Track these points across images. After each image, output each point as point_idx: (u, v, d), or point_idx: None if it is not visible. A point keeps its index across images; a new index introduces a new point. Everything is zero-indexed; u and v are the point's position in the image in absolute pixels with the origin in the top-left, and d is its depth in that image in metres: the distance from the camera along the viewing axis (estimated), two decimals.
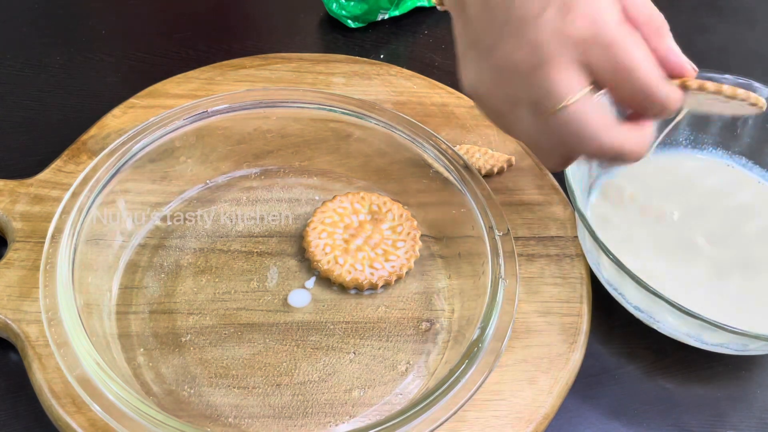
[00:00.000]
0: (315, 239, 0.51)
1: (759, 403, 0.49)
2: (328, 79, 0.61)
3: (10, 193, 0.51)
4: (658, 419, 0.47)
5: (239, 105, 0.52)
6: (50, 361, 0.44)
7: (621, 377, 0.49)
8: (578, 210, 0.47)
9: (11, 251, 0.49)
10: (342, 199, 0.53)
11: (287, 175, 0.56)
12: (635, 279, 0.44)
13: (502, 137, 0.58)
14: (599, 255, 0.47)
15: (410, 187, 0.54)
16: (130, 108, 0.57)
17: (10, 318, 0.45)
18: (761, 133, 0.54)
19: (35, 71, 0.64)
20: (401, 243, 0.51)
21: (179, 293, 0.49)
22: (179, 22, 0.70)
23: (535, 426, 0.44)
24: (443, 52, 0.68)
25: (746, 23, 0.75)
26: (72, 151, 0.54)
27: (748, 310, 0.49)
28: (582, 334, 0.48)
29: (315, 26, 0.70)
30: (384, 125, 0.52)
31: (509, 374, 0.46)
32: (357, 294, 0.50)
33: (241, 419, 0.44)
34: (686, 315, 0.43)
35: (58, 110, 0.61)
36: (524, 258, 0.51)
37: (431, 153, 0.51)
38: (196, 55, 0.66)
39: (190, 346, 0.47)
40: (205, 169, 0.54)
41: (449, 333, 0.48)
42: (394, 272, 0.50)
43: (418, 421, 0.39)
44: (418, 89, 0.61)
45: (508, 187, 0.55)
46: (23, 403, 0.45)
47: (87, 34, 0.67)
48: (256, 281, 0.50)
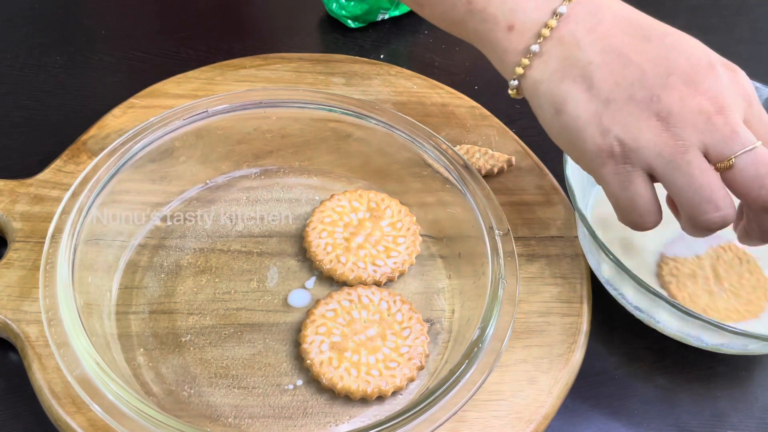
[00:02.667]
0: (316, 239, 0.51)
1: (759, 403, 0.49)
2: (328, 79, 0.61)
3: (10, 193, 0.51)
4: (658, 419, 0.47)
5: (239, 105, 0.52)
6: (50, 361, 0.44)
7: (621, 377, 0.49)
8: (578, 210, 0.47)
9: (11, 251, 0.49)
10: (340, 197, 0.53)
11: (287, 175, 0.56)
12: (635, 279, 0.44)
13: (502, 137, 0.58)
14: (599, 255, 0.47)
15: (410, 187, 0.54)
16: (130, 108, 0.57)
17: (10, 318, 0.45)
18: None
19: (35, 71, 0.64)
20: (402, 239, 0.51)
21: (179, 293, 0.49)
22: (179, 22, 0.70)
23: (535, 426, 0.44)
24: (443, 52, 0.68)
25: (746, 23, 0.75)
26: (72, 151, 0.54)
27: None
28: (582, 334, 0.48)
29: (315, 26, 0.70)
30: (384, 125, 0.52)
31: (509, 374, 0.46)
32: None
33: (241, 419, 0.44)
34: (686, 315, 0.43)
35: (58, 110, 0.61)
36: (524, 258, 0.51)
37: (431, 153, 0.51)
38: (196, 55, 0.66)
39: (190, 346, 0.47)
40: (205, 169, 0.54)
41: (449, 333, 0.48)
42: (396, 268, 0.50)
43: (418, 421, 0.39)
44: (418, 89, 0.61)
45: (508, 187, 0.55)
46: (23, 403, 0.45)
47: (87, 34, 0.67)
48: (256, 281, 0.50)
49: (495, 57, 0.46)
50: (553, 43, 0.43)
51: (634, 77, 0.41)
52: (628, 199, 0.42)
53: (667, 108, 0.40)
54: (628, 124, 0.41)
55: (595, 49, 0.42)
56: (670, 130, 0.40)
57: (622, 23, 0.43)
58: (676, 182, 0.40)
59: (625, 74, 0.41)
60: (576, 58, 0.42)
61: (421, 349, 0.46)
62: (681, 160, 0.40)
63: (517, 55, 0.44)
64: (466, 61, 0.67)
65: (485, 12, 0.45)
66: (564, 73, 0.43)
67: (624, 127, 0.41)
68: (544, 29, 0.43)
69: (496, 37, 0.45)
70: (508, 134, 0.58)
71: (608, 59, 0.42)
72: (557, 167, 0.55)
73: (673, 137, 0.40)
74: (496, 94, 0.64)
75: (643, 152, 0.40)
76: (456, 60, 0.67)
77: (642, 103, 0.40)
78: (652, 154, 0.40)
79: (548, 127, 0.45)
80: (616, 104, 0.41)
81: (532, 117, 0.46)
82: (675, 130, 0.40)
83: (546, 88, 0.44)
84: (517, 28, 0.44)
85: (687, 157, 0.40)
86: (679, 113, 0.40)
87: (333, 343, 0.46)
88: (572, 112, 0.42)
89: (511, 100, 0.47)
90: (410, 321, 0.47)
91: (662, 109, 0.40)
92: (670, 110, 0.40)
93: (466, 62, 0.67)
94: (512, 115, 0.61)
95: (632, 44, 0.42)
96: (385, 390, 0.45)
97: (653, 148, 0.40)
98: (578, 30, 0.43)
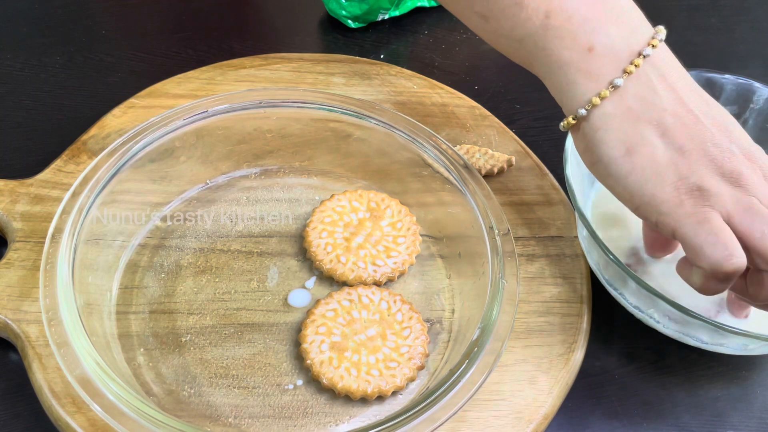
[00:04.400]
0: (316, 239, 0.51)
1: (759, 403, 0.49)
2: (328, 79, 0.61)
3: (10, 193, 0.51)
4: (658, 419, 0.47)
5: (239, 105, 0.52)
6: (50, 361, 0.44)
7: (621, 377, 0.49)
8: (578, 210, 0.47)
9: (11, 251, 0.49)
10: (340, 197, 0.53)
11: (287, 175, 0.56)
12: (635, 279, 0.44)
13: (502, 137, 0.58)
14: (599, 255, 0.47)
15: (410, 187, 0.54)
16: (130, 108, 0.57)
17: (10, 318, 0.45)
18: (761, 133, 0.54)
19: (35, 71, 0.64)
20: (402, 239, 0.51)
21: (179, 293, 0.49)
22: (179, 22, 0.70)
23: (535, 426, 0.44)
24: (443, 52, 0.68)
25: (746, 23, 0.75)
26: (72, 151, 0.54)
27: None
28: (582, 334, 0.48)
29: (315, 26, 0.70)
30: (384, 125, 0.52)
31: (509, 374, 0.46)
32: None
33: (241, 419, 0.44)
34: (686, 315, 0.43)
35: (58, 110, 0.61)
36: (524, 258, 0.51)
37: (431, 153, 0.51)
38: (196, 55, 0.66)
39: (190, 346, 0.47)
40: (205, 169, 0.54)
41: (449, 333, 0.48)
42: (396, 268, 0.50)
43: (418, 421, 0.39)
44: (418, 89, 0.61)
45: (508, 187, 0.55)
46: (23, 403, 0.45)
47: (87, 34, 0.67)
48: (256, 281, 0.50)
49: (564, 79, 0.44)
50: (633, 81, 0.43)
51: (705, 135, 0.42)
52: (709, 231, 0.41)
53: (738, 169, 0.42)
54: (705, 175, 0.41)
55: (670, 98, 0.42)
56: (743, 187, 0.41)
57: (687, 80, 0.44)
58: (754, 228, 0.41)
59: (696, 130, 0.42)
60: (653, 102, 0.42)
61: (421, 349, 0.46)
62: (760, 209, 0.41)
63: (598, 82, 0.43)
64: (466, 61, 0.67)
65: (563, 28, 0.43)
66: (640, 115, 0.42)
67: (701, 177, 0.41)
68: (630, 66, 0.42)
69: (572, 56, 0.43)
70: (508, 134, 0.58)
71: (680, 111, 0.42)
72: (557, 167, 0.55)
73: (746, 193, 0.41)
74: (496, 94, 0.64)
75: (723, 198, 0.41)
76: (456, 60, 0.67)
77: (716, 160, 0.42)
78: (731, 201, 0.41)
79: (611, 166, 0.43)
80: (692, 156, 0.42)
81: (533, 117, 0.46)
82: (748, 188, 0.41)
83: (619, 126, 0.43)
84: (597, 51, 0.43)
85: (764, 210, 0.41)
86: (748, 177, 0.42)
87: (333, 343, 0.46)
88: (648, 155, 0.42)
89: (511, 100, 0.46)
90: (410, 321, 0.47)
91: (734, 169, 0.41)
92: (741, 172, 0.41)
93: (466, 62, 0.67)
94: (512, 115, 0.61)
95: (699, 104, 0.43)
96: (385, 390, 0.45)
97: (732, 196, 0.41)
98: (653, 74, 0.43)
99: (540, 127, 0.61)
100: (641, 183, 0.42)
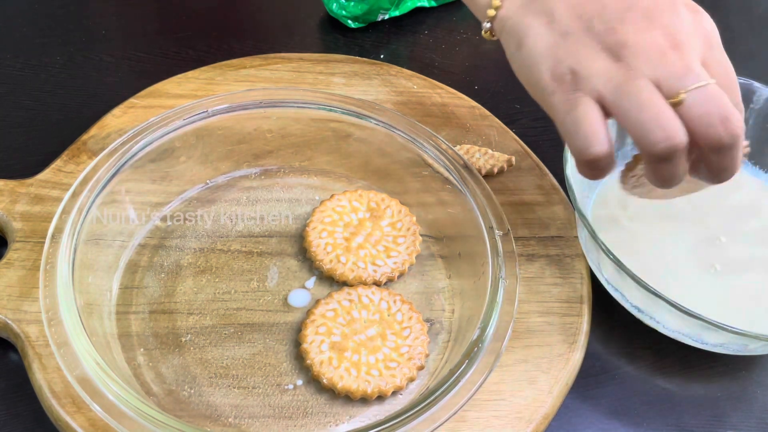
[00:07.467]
0: (316, 239, 0.51)
1: (759, 403, 0.49)
2: (328, 79, 0.61)
3: (10, 193, 0.51)
4: (658, 419, 0.47)
5: (239, 105, 0.52)
6: (50, 361, 0.44)
7: (621, 377, 0.49)
8: (578, 210, 0.47)
9: (11, 251, 0.49)
10: (340, 197, 0.53)
11: (287, 175, 0.56)
12: (635, 279, 0.44)
13: (502, 137, 0.58)
14: (599, 255, 0.47)
15: (410, 187, 0.54)
16: (130, 108, 0.57)
17: (10, 318, 0.45)
18: (761, 133, 0.54)
19: (35, 71, 0.64)
20: (402, 239, 0.51)
21: (179, 293, 0.49)
22: (179, 22, 0.70)
23: (535, 426, 0.44)
24: (443, 52, 0.68)
25: (746, 23, 0.75)
26: (72, 151, 0.54)
27: (749, 310, 0.49)
28: (582, 334, 0.48)
29: (315, 26, 0.70)
30: (384, 125, 0.52)
31: (509, 374, 0.46)
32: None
33: (241, 419, 0.44)
34: (686, 315, 0.43)
35: (58, 110, 0.61)
36: (524, 258, 0.51)
37: (431, 153, 0.51)
38: (196, 55, 0.66)
39: (190, 346, 0.47)
40: (205, 169, 0.54)
41: (449, 333, 0.48)
42: (396, 268, 0.50)
43: (418, 421, 0.39)
44: (418, 89, 0.61)
45: (508, 187, 0.55)
46: (23, 403, 0.45)
47: (87, 34, 0.67)
48: (256, 281, 0.50)
49: (470, 2, 0.47)
50: None
51: (594, 10, 0.41)
52: (572, 121, 0.40)
53: (622, 40, 0.40)
54: (582, 54, 0.41)
55: None
56: (622, 60, 0.40)
57: None
58: (622, 105, 0.39)
59: (585, 8, 0.41)
60: None
61: (421, 349, 0.46)
62: (630, 86, 0.39)
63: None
64: (466, 61, 0.68)
65: None
66: (528, 8, 0.43)
67: (577, 58, 0.41)
68: None
69: None
70: (508, 134, 0.58)
71: None
72: (557, 167, 0.55)
73: (624, 66, 0.40)
74: (496, 94, 0.64)
75: (593, 79, 0.40)
76: (456, 60, 0.67)
77: (598, 35, 0.41)
78: (601, 80, 0.40)
79: (512, 64, 0.44)
80: (573, 36, 0.41)
81: (533, 117, 0.46)
82: (628, 60, 0.40)
83: (512, 24, 0.44)
84: None
85: (637, 83, 0.39)
86: (633, 45, 0.40)
87: (333, 343, 0.46)
88: (531, 45, 0.42)
89: (511, 100, 0.47)
90: (410, 321, 0.47)
91: (617, 41, 0.40)
92: (625, 42, 0.40)
93: (466, 62, 0.67)
94: (512, 115, 0.61)
95: None
96: (385, 390, 0.45)
97: (604, 75, 0.40)
98: None
99: (540, 127, 0.61)
100: (527, 74, 0.43)
